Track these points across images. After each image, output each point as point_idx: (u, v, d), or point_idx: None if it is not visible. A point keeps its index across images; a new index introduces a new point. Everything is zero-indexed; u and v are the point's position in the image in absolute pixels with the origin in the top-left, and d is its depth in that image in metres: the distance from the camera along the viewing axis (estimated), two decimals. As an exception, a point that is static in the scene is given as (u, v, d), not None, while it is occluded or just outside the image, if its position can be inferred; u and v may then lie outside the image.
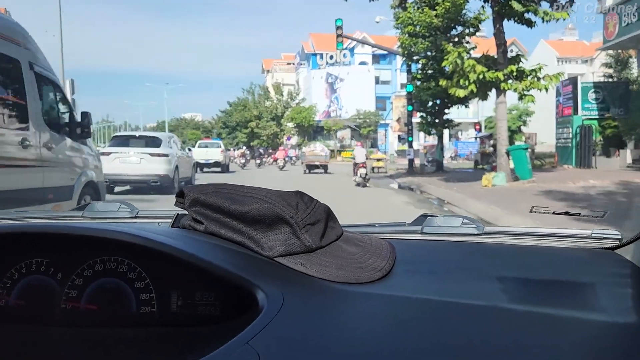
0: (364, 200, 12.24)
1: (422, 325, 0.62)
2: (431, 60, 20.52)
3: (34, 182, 4.51)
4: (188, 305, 0.69)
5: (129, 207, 1.25)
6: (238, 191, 0.77)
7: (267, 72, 67.21)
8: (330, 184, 18.29)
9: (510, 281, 0.80)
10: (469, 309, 0.66)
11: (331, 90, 53.71)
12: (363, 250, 0.78)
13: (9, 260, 0.72)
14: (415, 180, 17.97)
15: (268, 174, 23.17)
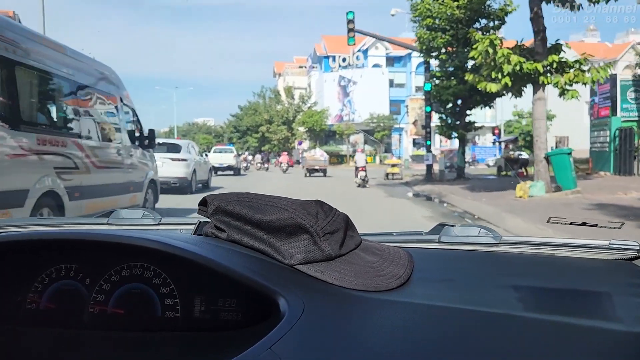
0: (376, 214, 10.15)
1: (440, 332, 0.63)
2: (452, 56, 18.40)
3: (123, 178, 6.77)
4: (211, 311, 0.70)
5: (152, 215, 1.27)
6: (259, 200, 0.77)
7: (279, 76, 65.47)
8: (334, 189, 16.35)
9: (528, 290, 0.80)
10: (488, 317, 0.66)
11: (344, 94, 51.67)
12: (381, 258, 0.78)
13: (40, 266, 0.74)
14: (435, 189, 15.85)
15: (274, 176, 25.45)
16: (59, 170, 5.24)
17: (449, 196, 13.37)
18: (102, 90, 6.76)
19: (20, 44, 4.82)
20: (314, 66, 56.52)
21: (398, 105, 51.87)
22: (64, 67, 5.72)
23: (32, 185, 4.77)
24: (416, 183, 19.39)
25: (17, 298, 0.73)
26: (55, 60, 5.51)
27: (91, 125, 6.31)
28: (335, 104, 51.09)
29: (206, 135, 73.16)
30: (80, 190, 5.62)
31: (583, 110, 43.13)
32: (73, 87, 5.92)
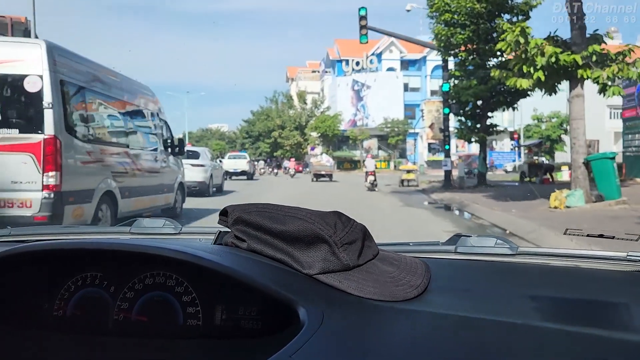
0: (392, 227, 8.74)
1: (459, 342, 0.63)
2: (473, 53, 16.94)
3: (159, 181, 8.24)
4: (231, 319, 0.72)
5: (173, 224, 1.29)
6: (279, 211, 0.78)
7: (292, 81, 64.33)
8: (345, 196, 14.98)
9: (546, 300, 0.80)
10: (507, 327, 0.66)
11: (357, 98, 50.26)
12: (398, 268, 0.79)
13: (67, 274, 0.76)
14: (456, 197, 14.38)
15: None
16: (114, 174, 6.58)
17: (472, 206, 11.92)
18: (144, 107, 8.20)
19: (88, 73, 6.16)
20: (327, 70, 55.24)
21: (413, 110, 50.33)
22: (117, 90, 7.10)
23: (97, 186, 6.06)
24: (434, 190, 17.92)
25: (44, 305, 0.75)
26: (110, 85, 6.92)
27: (136, 137, 7.78)
28: (348, 109, 49.69)
29: (219, 141, 72.59)
30: (129, 190, 6.95)
31: (604, 113, 41.18)
32: (123, 106, 7.31)
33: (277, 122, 52.53)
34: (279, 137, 52.54)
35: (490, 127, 18.14)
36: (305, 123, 51.85)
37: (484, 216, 10.01)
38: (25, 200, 5.37)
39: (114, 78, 7.23)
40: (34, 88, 5.43)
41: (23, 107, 5.62)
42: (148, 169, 8.07)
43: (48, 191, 5.38)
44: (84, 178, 6.07)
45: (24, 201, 5.37)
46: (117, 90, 7.21)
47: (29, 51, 5.57)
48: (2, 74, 5.46)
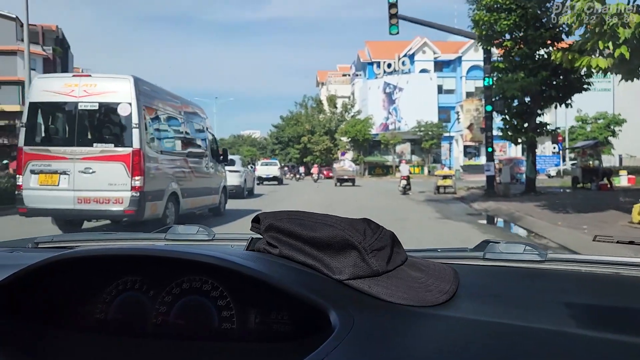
0: (427, 246, 6.45)
1: (489, 347, 0.63)
2: (520, 42, 14.57)
3: (209, 184, 9.84)
4: (264, 323, 0.73)
5: (207, 231, 1.32)
6: (309, 218, 0.80)
7: (322, 85, 62.49)
8: (375, 205, 12.88)
9: (577, 307, 0.79)
10: (537, 333, 0.66)
11: (389, 101, 47.95)
12: (427, 274, 0.79)
13: (108, 278, 0.78)
14: (503, 208, 12.06)
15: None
16: (177, 179, 8.34)
17: (525, 219, 9.63)
18: (197, 123, 9.95)
19: (160, 99, 8.24)
20: (358, 74, 53.13)
21: (448, 113, 47.67)
22: (179, 110, 9.04)
23: (166, 188, 7.84)
24: (475, 199, 15.56)
25: (87, 308, 0.78)
26: (175, 106, 8.91)
27: (192, 147, 9.40)
28: (380, 112, 47.41)
29: (250, 148, 71.73)
30: (187, 192, 8.61)
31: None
32: (183, 123, 9.20)
33: (307, 127, 50.72)
34: (309, 142, 50.65)
35: (540, 126, 15.67)
36: (336, 128, 49.82)
37: (546, 234, 7.75)
38: (119, 198, 6.95)
39: (176, 101, 9.11)
40: (125, 112, 7.11)
41: (117, 127, 7.31)
42: (201, 175, 9.64)
43: (135, 191, 6.97)
44: (158, 181, 7.64)
45: (117, 199, 6.96)
46: (179, 110, 9.01)
47: (121, 84, 7.24)
48: (102, 102, 7.19)
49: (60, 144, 7.37)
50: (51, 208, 7.26)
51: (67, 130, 7.50)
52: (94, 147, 7.20)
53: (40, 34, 47.53)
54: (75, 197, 7.10)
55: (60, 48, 46.83)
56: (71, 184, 7.13)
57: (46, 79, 7.98)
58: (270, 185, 27.85)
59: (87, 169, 7.13)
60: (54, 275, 0.77)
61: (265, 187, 25.56)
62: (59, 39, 48.99)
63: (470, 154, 49.45)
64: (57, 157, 7.16)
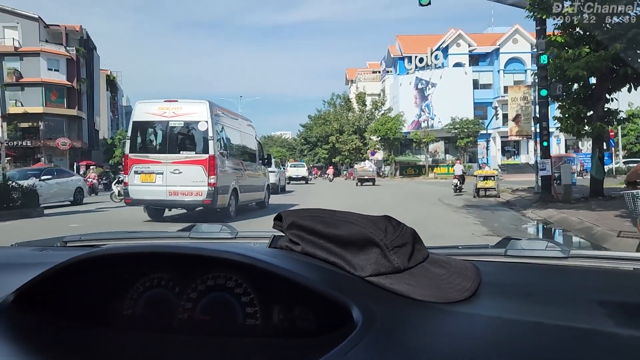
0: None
1: (512, 344, 0.62)
2: (583, 8, 11.21)
3: (257, 182, 12.59)
4: (288, 319, 0.74)
5: (229, 229, 1.36)
6: (331, 215, 0.81)
7: (351, 83, 59.72)
8: (405, 211, 9.89)
9: (602, 304, 0.78)
10: (562, 330, 0.65)
11: (421, 98, 44.81)
12: (449, 271, 0.79)
13: (135, 276, 0.81)
14: (571, 219, 8.94)
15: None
16: (237, 178, 11.06)
17: (612, 240, 6.45)
18: (249, 134, 13.13)
19: (225, 116, 11.17)
20: (388, 70, 50.21)
21: (484, 109, 44.39)
22: (236, 124, 12.10)
23: (230, 184, 10.50)
24: (526, 204, 12.45)
25: (115, 304, 0.80)
26: (234, 121, 11.96)
27: (247, 154, 12.56)
28: (411, 109, 44.45)
29: (280, 149, 70.01)
30: (243, 188, 11.32)
31: None
32: (240, 133, 12.19)
33: (335, 127, 47.90)
34: (337, 141, 47.81)
35: (610, 114, 12.32)
36: (365, 126, 46.85)
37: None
38: (199, 191, 9.73)
39: (235, 117, 12.50)
40: (203, 128, 9.96)
41: (198, 139, 10.19)
42: (252, 175, 12.50)
43: (210, 186, 9.72)
44: (225, 179, 10.36)
45: (198, 192, 9.73)
46: (236, 124, 12.13)
47: (199, 107, 10.19)
48: (186, 121, 10.17)
49: (155, 152, 10.15)
50: (149, 199, 9.99)
51: (161, 141, 10.32)
52: (180, 154, 9.92)
53: (63, 34, 45.95)
54: (167, 190, 9.76)
55: (85, 49, 45.29)
56: (164, 181, 9.81)
57: (145, 104, 10.49)
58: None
59: (176, 170, 9.79)
60: (83, 273, 0.79)
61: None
62: (84, 39, 47.63)
63: (508, 152, 45.78)
64: (153, 162, 9.94)
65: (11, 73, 38.50)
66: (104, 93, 54.08)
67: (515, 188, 19.30)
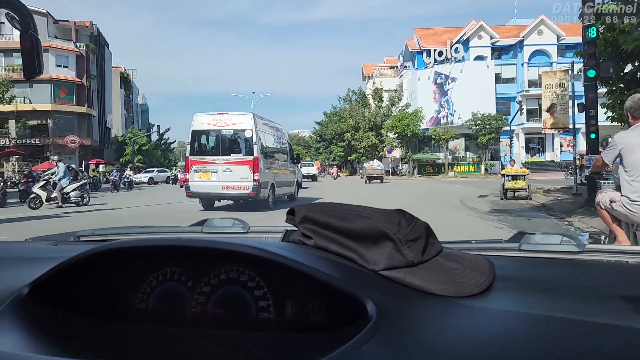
0: None
1: (527, 338, 0.62)
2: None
3: (289, 179, 15.35)
4: (301, 313, 0.74)
5: (242, 223, 1.36)
6: (344, 209, 0.81)
7: (368, 79, 57.44)
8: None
9: (618, 298, 0.77)
10: (578, 325, 0.65)
11: (440, 93, 42.49)
12: (462, 265, 0.79)
13: (149, 269, 0.81)
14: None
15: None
16: (274, 175, 13.47)
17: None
18: (282, 138, 15.87)
19: (264, 124, 13.67)
20: (406, 65, 48.03)
21: (507, 104, 41.96)
22: (272, 130, 14.60)
23: (269, 180, 12.88)
24: (568, 209, 10.27)
25: (129, 298, 0.80)
26: (271, 128, 14.45)
27: (281, 154, 14.97)
28: (430, 105, 42.27)
29: (296, 147, 67.92)
30: (279, 184, 13.82)
31: None
32: (275, 138, 14.76)
33: (350, 123, 45.58)
34: (352, 139, 45.55)
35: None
36: (381, 123, 44.40)
37: None
38: (246, 186, 12.09)
39: (272, 124, 14.80)
40: (249, 135, 12.49)
41: (245, 144, 12.68)
42: (285, 172, 14.97)
43: (255, 182, 12.07)
44: (265, 176, 12.67)
45: (245, 186, 12.10)
46: (272, 130, 14.62)
47: (245, 118, 12.71)
48: (235, 129, 12.67)
49: (211, 154, 12.79)
50: (205, 192, 12.55)
51: (215, 146, 12.96)
52: (231, 156, 12.55)
53: (73, 30, 44.48)
54: (221, 185, 12.32)
55: (95, 45, 43.78)
56: (218, 178, 12.36)
57: (201, 115, 13.07)
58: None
59: (227, 169, 12.32)
60: (97, 267, 0.80)
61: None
62: (94, 35, 46.14)
63: (532, 149, 42.97)
64: (209, 162, 12.55)
65: (19, 69, 37.23)
66: (117, 91, 53.12)
67: (547, 188, 16.83)
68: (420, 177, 40.48)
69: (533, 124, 41.33)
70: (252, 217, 10.24)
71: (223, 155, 12.42)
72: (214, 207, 13.16)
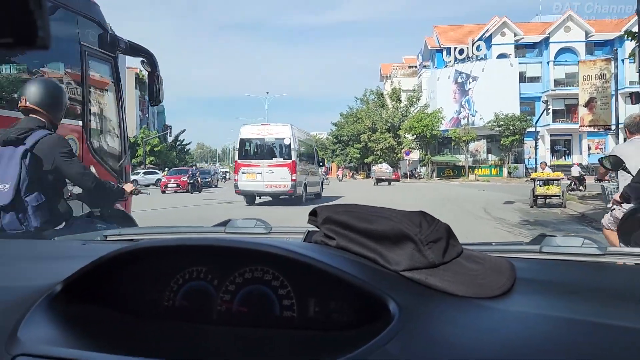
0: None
1: (548, 341, 0.62)
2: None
3: (317, 179, 19.14)
4: (324, 312, 0.75)
5: (264, 224, 1.39)
6: (365, 211, 0.83)
7: (386, 79, 55.75)
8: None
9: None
10: (600, 328, 0.65)
11: (461, 93, 40.72)
12: (483, 267, 0.79)
13: (176, 268, 0.83)
14: None
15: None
16: (306, 176, 16.94)
17: None
18: (311, 144, 19.60)
19: (300, 132, 17.76)
20: (425, 64, 46.22)
21: (531, 104, 40.24)
22: (306, 139, 18.74)
23: (303, 180, 16.46)
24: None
25: (156, 296, 0.82)
26: (304, 137, 18.48)
27: (310, 158, 18.41)
28: (450, 105, 40.62)
29: (314, 149, 66.46)
30: (309, 183, 17.18)
31: None
32: (306, 144, 18.21)
33: (367, 124, 43.74)
34: (369, 140, 43.77)
35: None
36: (399, 124, 42.44)
37: None
38: (286, 184, 15.20)
39: (304, 132, 18.52)
40: (287, 142, 15.66)
41: (285, 150, 15.76)
42: (314, 174, 18.28)
43: (292, 181, 15.18)
44: (300, 177, 15.81)
45: (284, 185, 15.21)
46: (304, 138, 18.15)
47: (285, 128, 15.98)
48: (276, 137, 15.77)
49: (256, 158, 15.79)
50: (251, 190, 15.57)
51: (259, 152, 16.07)
52: (272, 160, 15.55)
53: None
54: (264, 184, 15.23)
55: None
56: (262, 178, 15.27)
57: (248, 126, 16.78)
58: None
59: (270, 171, 15.18)
60: (125, 265, 0.82)
61: None
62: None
63: (558, 152, 40.70)
64: (255, 165, 15.45)
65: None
66: (132, 91, 52.24)
67: (582, 194, 14.79)
68: (439, 180, 39.49)
69: (559, 125, 39.21)
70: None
71: (266, 159, 15.57)
72: (255, 203, 16.34)
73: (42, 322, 0.72)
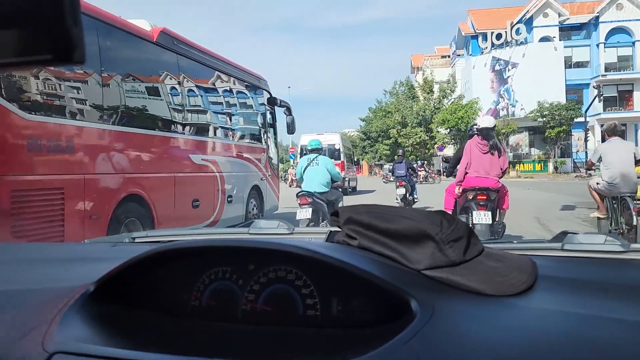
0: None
1: (570, 338, 0.63)
2: None
3: (353, 176, 25.61)
4: (347, 310, 0.77)
5: (286, 225, 1.43)
6: (386, 211, 0.86)
7: (417, 70, 52.62)
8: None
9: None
10: (621, 324, 0.65)
11: (499, 81, 37.55)
12: (505, 265, 0.81)
13: (202, 268, 0.86)
14: None
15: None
16: (347, 172, 22.54)
17: None
18: (350, 146, 30.33)
19: (345, 140, 27.60)
20: (459, 53, 42.66)
21: (579, 92, 37.12)
22: (347, 142, 28.78)
23: (347, 176, 21.66)
24: None
25: (184, 296, 0.85)
26: (346, 141, 27.82)
27: (349, 157, 25.33)
28: (487, 96, 37.81)
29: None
30: (349, 178, 22.78)
31: None
32: (348, 148, 26.20)
33: (397, 118, 40.59)
34: (399, 135, 40.48)
35: None
36: (431, 117, 38.89)
37: None
38: None
39: (347, 138, 33.61)
40: (338, 147, 22.32)
41: (335, 154, 21.27)
42: (351, 171, 23.93)
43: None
44: (346, 174, 21.27)
45: None
46: (348, 143, 27.86)
47: (335, 136, 22.77)
48: (329, 144, 21.05)
49: None
50: None
51: None
52: None
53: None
54: None
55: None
56: None
57: (306, 135, 21.65)
58: None
59: None
60: (154, 266, 0.86)
61: None
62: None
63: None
64: None
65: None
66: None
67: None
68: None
69: (611, 114, 35.30)
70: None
71: None
72: None
73: (77, 321, 0.76)
